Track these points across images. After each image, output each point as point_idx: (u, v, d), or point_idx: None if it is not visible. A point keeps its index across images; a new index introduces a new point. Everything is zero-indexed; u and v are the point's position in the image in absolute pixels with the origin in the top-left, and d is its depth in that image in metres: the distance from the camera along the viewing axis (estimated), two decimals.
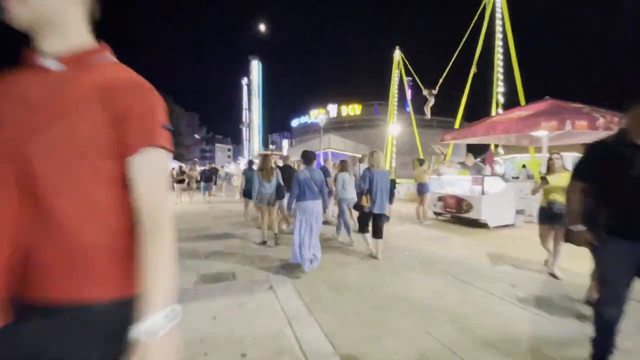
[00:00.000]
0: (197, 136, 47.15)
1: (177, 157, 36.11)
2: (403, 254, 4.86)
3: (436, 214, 8.09)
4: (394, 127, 16.10)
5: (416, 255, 4.81)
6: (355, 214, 5.07)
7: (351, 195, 5.71)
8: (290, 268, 4.09)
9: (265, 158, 5.59)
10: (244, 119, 62.30)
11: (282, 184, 5.49)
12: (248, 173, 6.93)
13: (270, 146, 25.69)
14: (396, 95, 16.84)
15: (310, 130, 37.30)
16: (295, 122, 40.89)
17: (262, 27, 68.84)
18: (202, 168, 14.22)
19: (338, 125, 32.07)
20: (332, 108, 25.44)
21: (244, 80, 62.26)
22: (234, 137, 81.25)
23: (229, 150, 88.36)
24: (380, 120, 33.14)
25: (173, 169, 13.37)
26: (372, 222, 4.60)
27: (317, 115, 35.27)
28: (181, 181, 12.29)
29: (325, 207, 4.35)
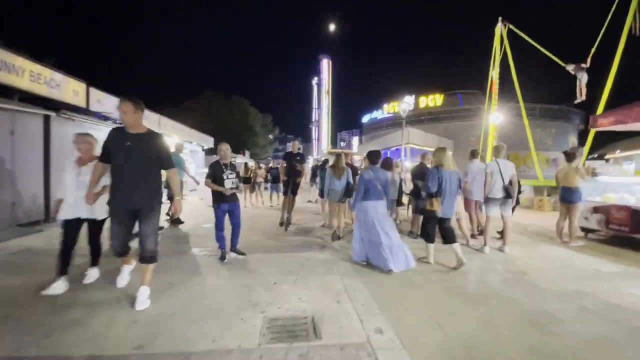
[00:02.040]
0: (270, 136, 48.96)
1: (252, 156, 37.76)
2: (571, 306, 2.97)
3: (585, 230, 5.68)
4: (496, 116, 13.16)
5: (607, 311, 2.88)
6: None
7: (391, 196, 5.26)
8: (389, 304, 2.65)
9: (338, 157, 5.68)
10: (313, 118, 62.90)
11: (352, 182, 5.49)
12: (322, 172, 6.90)
13: (341, 144, 24.57)
14: (497, 78, 13.77)
15: (382, 125, 35.10)
16: (365, 118, 39.08)
17: (332, 26, 68.45)
18: (269, 165, 12.02)
19: (415, 119, 29.31)
20: (409, 100, 22.87)
21: (314, 80, 62.84)
22: (305, 137, 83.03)
23: (299, 149, 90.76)
24: (465, 111, 29.29)
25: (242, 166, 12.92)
26: (438, 227, 4.14)
27: (394, 108, 32.87)
28: (247, 180, 10.42)
29: (389, 207, 4.22)
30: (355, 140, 43.48)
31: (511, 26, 13.05)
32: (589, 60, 10.12)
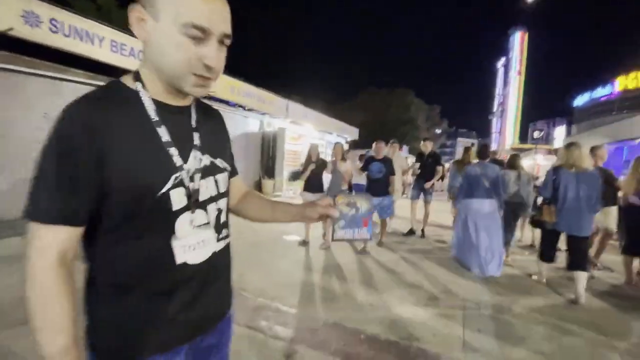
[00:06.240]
0: (438, 131, 43.66)
1: (411, 151, 34.13)
2: None
3: None
4: None
5: None
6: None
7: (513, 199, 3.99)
8: None
9: (467, 149, 4.82)
10: (495, 107, 51.79)
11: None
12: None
13: (535, 134, 17.63)
14: None
15: (609, 108, 23.32)
16: (580, 100, 27.43)
17: None
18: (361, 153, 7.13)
19: None
20: None
21: (500, 62, 51.58)
22: (480, 130, 70.23)
23: (472, 144, 78.06)
24: None
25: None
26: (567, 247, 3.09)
27: (635, 81, 21.14)
28: (316, 185, 4.51)
29: (500, 207, 3.56)
30: (558, 131, 31.61)
31: None
32: None
